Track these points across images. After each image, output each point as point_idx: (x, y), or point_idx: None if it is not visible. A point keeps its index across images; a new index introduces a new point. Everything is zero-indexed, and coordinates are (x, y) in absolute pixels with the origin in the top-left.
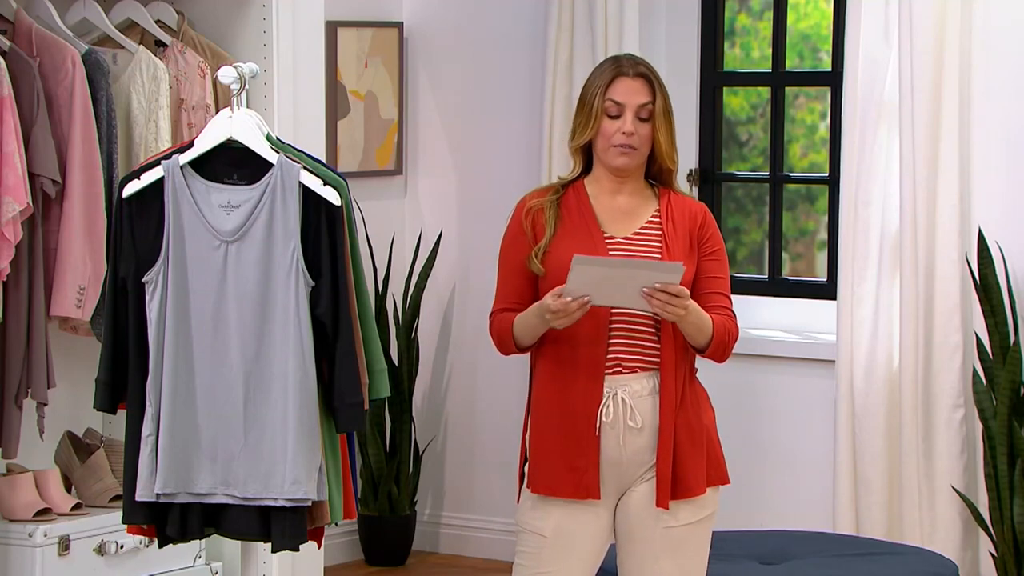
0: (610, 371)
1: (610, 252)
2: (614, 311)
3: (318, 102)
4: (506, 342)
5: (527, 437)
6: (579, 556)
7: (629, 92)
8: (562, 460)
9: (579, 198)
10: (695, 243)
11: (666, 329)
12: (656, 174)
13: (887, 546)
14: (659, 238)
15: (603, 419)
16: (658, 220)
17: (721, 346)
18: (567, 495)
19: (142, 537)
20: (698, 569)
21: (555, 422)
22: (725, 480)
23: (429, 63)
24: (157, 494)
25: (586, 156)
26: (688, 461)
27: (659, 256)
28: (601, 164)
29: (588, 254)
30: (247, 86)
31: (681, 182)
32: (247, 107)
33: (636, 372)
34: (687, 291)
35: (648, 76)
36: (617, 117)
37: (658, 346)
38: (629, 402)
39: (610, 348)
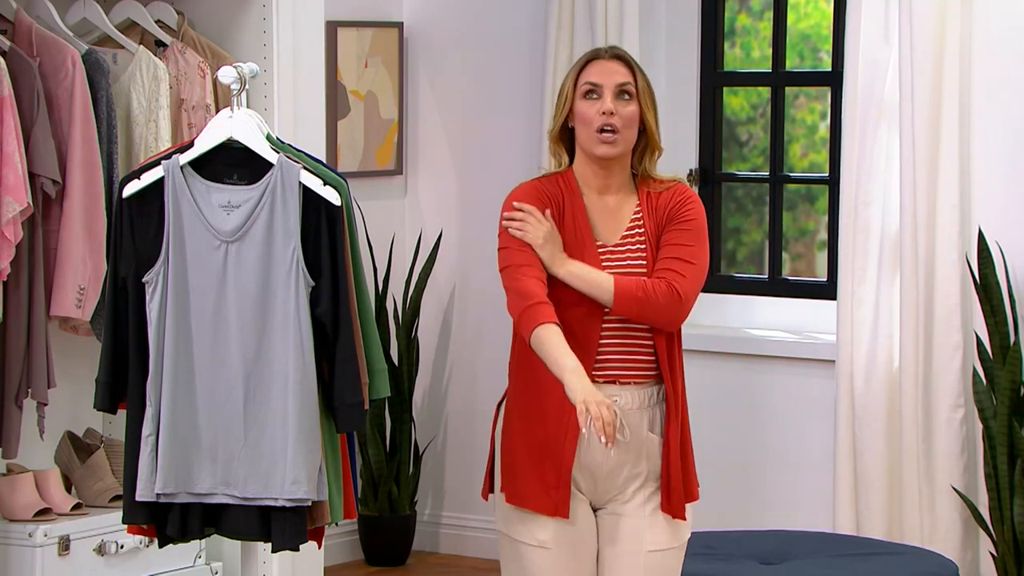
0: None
1: (602, 263)
2: (605, 324)
3: (318, 102)
4: (528, 339)
5: (496, 437)
6: (586, 556)
7: (604, 73)
8: (535, 473)
9: (574, 202)
10: (668, 225)
11: (659, 339)
12: (639, 158)
13: (887, 546)
14: (643, 240)
15: (583, 430)
16: (639, 218)
17: (636, 303)
18: (536, 509)
19: (142, 537)
20: None
21: (529, 434)
22: (696, 495)
23: (429, 63)
24: (157, 494)
25: (569, 151)
26: (684, 469)
27: (644, 262)
28: (586, 158)
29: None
30: (247, 86)
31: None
32: (247, 107)
33: (622, 384)
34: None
35: (625, 58)
36: (596, 99)
37: (652, 357)
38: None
39: (598, 360)
